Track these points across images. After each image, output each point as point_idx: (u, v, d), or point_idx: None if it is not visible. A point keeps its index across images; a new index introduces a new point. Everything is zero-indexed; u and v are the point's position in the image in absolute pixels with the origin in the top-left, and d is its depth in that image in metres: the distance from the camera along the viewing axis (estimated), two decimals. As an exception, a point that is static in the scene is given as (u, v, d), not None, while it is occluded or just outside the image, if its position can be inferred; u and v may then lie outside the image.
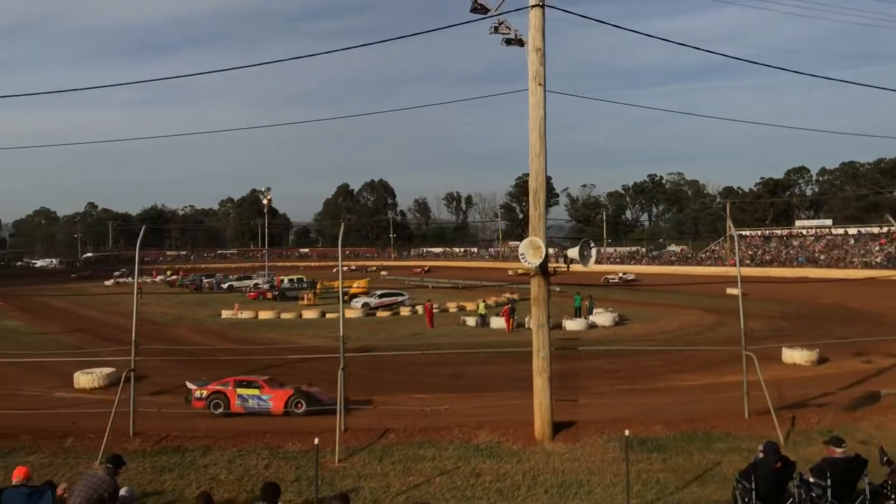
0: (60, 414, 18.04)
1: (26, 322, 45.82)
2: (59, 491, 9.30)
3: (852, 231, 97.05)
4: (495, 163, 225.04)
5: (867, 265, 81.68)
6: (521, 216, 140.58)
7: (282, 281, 67.19)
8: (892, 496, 10.32)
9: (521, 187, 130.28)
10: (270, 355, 28.20)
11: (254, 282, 72.97)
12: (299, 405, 18.18)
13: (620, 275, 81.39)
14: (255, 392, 18.63)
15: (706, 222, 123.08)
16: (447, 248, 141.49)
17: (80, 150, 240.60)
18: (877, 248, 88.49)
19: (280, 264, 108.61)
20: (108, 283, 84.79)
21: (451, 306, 48.74)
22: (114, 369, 23.75)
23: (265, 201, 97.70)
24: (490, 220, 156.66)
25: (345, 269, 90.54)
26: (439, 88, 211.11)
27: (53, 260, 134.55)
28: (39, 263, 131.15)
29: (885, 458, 11.20)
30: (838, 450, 10.35)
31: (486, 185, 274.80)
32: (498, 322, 38.71)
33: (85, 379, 23.58)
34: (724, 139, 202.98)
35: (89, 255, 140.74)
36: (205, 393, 18.73)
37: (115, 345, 30.24)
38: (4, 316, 48.87)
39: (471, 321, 40.99)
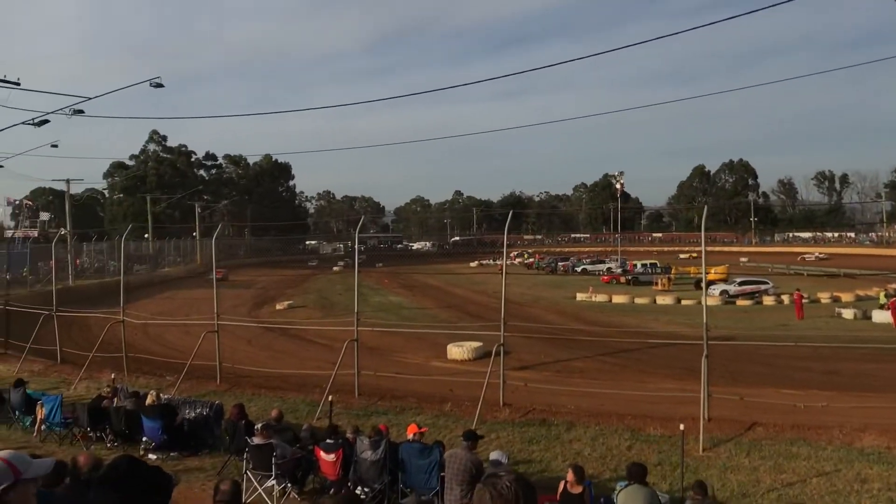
0: (438, 381, 19.91)
1: (406, 298, 51.48)
2: (446, 453, 10.32)
3: None
4: (876, 137, 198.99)
5: None
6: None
7: (635, 265, 66.84)
8: None
9: None
10: (626, 338, 28.26)
11: (607, 266, 73.60)
12: None
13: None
14: None
15: None
16: (818, 233, 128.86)
17: (449, 142, 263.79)
18: None
19: (632, 249, 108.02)
20: (472, 264, 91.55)
21: (823, 297, 44.38)
22: (481, 343, 25.69)
23: (617, 185, 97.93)
24: (872, 200, 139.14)
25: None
26: (806, 59, 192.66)
27: (427, 243, 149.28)
28: (416, 246, 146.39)
29: None
30: None
31: (865, 162, 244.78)
32: (882, 316, 34.39)
33: (456, 351, 25.84)
34: None
35: (456, 238, 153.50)
36: None
37: (480, 321, 32.66)
38: (389, 292, 55.39)
39: (847, 313, 36.93)
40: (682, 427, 10.87)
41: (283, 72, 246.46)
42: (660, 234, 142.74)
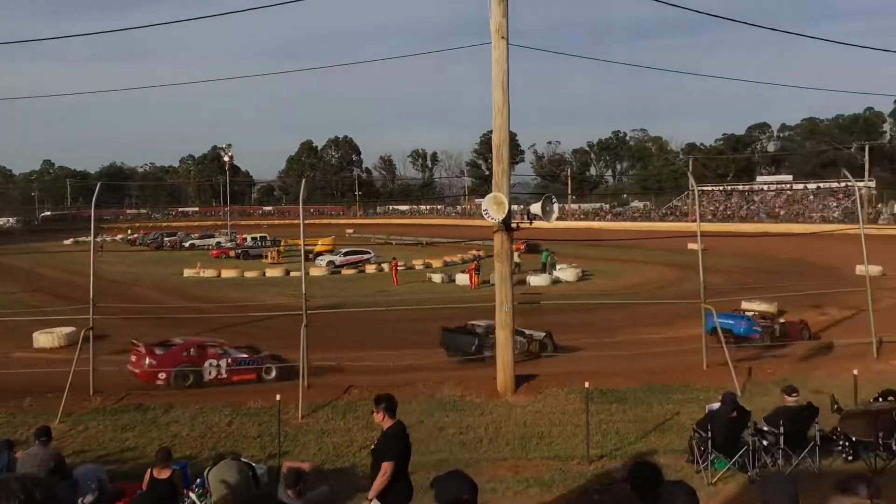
0: (19, 374, 17.70)
1: (-18, 282, 44.87)
2: (17, 455, 9.18)
3: (811, 187, 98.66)
4: (462, 119, 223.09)
5: (825, 220, 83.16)
6: (486, 173, 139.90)
7: (245, 239, 66.47)
8: (841, 442, 10.67)
9: (487, 144, 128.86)
10: (232, 313, 28.00)
11: (216, 240, 72.10)
12: None
13: None
14: None
15: (669, 179, 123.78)
16: (413, 206, 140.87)
17: (36, 105, 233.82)
18: (834, 204, 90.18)
19: (243, 222, 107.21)
20: (66, 241, 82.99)
21: (418, 263, 48.76)
22: (74, 328, 23.41)
23: (226, 158, 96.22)
24: (456, 176, 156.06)
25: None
26: (407, 44, 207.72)
27: (10, 219, 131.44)
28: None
29: (835, 407, 11.57)
30: (791, 398, 10.63)
31: (453, 142, 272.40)
32: (463, 279, 38.88)
33: (45, 338, 23.34)
34: (688, 95, 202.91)
35: (47, 213, 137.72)
36: None
37: (75, 304, 29.73)
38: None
39: (436, 278, 41.16)
40: (278, 397, 11.08)
41: None
42: (270, 208, 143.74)
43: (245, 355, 17.82)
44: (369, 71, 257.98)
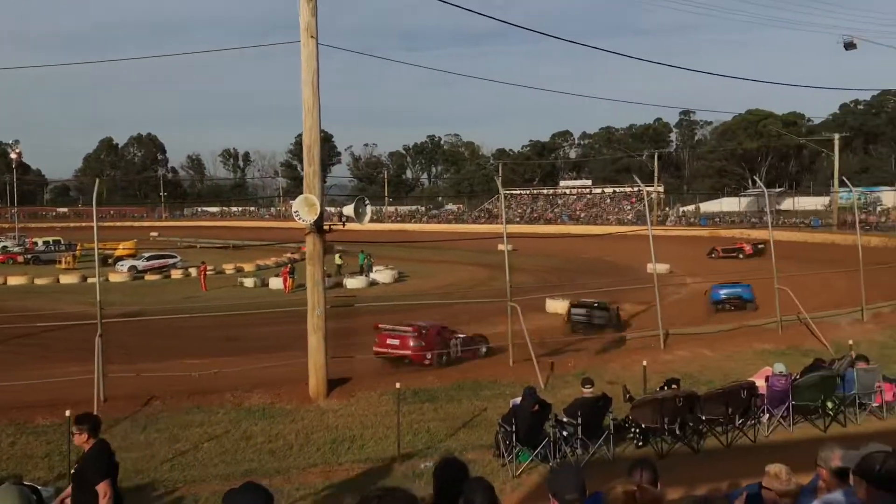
0: None
1: None
2: None
3: (608, 191, 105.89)
4: (276, 118, 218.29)
5: (620, 222, 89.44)
6: (302, 174, 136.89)
7: (35, 243, 61.37)
8: (632, 430, 11.49)
9: (301, 144, 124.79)
10: (20, 323, 25.68)
11: (2, 244, 65.96)
12: None
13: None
14: None
15: (481, 182, 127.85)
16: (224, 208, 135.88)
17: None
18: (628, 207, 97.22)
19: (34, 225, 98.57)
20: None
21: (229, 268, 47.17)
22: None
23: (13, 155, 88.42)
24: (270, 177, 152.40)
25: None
26: (215, 40, 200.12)
27: None
28: None
29: (627, 396, 12.44)
30: (587, 390, 11.30)
31: (267, 142, 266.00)
32: (277, 282, 38.06)
33: None
34: (497, 103, 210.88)
35: None
36: None
37: None
38: None
39: (248, 282, 40.02)
40: (68, 413, 10.27)
41: None
42: (65, 209, 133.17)
43: (464, 335, 19.36)
44: (175, 65, 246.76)
